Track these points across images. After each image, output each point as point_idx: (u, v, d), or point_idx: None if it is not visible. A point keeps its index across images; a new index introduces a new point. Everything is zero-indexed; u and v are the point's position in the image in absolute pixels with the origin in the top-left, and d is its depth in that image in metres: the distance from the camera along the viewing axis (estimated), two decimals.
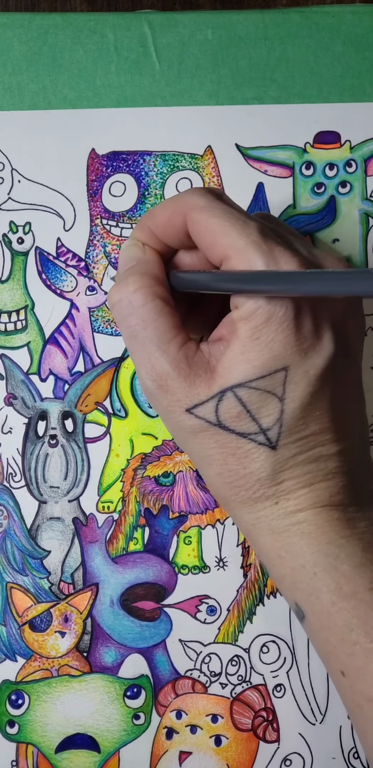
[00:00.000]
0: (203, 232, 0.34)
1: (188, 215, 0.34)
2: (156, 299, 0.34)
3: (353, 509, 0.34)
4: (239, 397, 0.33)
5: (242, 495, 0.35)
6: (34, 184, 0.42)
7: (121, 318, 0.35)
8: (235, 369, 0.33)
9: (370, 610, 0.33)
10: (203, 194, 0.34)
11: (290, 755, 0.43)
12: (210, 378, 0.33)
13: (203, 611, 0.42)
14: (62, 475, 0.42)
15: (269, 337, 0.32)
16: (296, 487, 0.34)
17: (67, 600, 0.42)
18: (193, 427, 0.34)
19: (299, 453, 0.34)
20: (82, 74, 0.42)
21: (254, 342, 0.32)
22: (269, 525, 0.35)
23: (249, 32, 0.42)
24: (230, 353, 0.33)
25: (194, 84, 0.42)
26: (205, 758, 0.42)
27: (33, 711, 0.42)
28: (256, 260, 0.32)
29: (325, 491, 0.34)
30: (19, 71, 0.42)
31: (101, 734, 0.42)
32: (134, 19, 0.42)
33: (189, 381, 0.33)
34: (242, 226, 0.33)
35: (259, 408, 0.33)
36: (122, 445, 0.42)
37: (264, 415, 0.33)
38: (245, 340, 0.33)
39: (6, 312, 0.42)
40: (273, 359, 0.32)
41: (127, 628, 0.42)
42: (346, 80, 0.43)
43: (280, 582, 0.35)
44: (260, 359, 0.32)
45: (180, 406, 0.34)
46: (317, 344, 0.33)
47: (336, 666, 0.34)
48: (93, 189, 0.42)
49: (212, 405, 0.33)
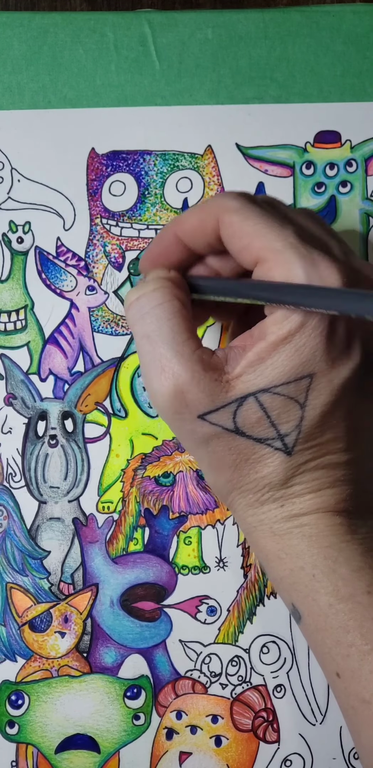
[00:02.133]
0: (237, 234, 0.33)
1: (221, 218, 0.33)
2: (174, 300, 0.34)
3: (356, 516, 0.34)
4: (260, 402, 0.32)
5: (249, 498, 0.34)
6: (33, 184, 0.42)
7: (137, 317, 0.34)
8: (260, 373, 0.32)
9: (367, 612, 0.33)
10: (236, 197, 0.33)
11: (290, 756, 0.43)
12: (227, 383, 0.33)
13: (203, 612, 0.42)
14: (62, 475, 0.42)
15: (301, 343, 0.32)
16: (304, 491, 0.34)
17: (67, 600, 0.42)
18: (205, 434, 0.33)
19: (311, 459, 0.34)
20: (82, 73, 0.42)
21: (284, 346, 0.32)
22: (270, 527, 0.34)
23: (249, 31, 0.42)
24: (255, 357, 0.32)
25: (194, 83, 0.42)
26: (205, 759, 0.42)
27: (33, 711, 0.42)
28: (294, 263, 0.31)
29: (331, 497, 0.34)
30: (19, 70, 0.42)
31: (101, 735, 0.42)
32: (134, 19, 0.42)
33: (203, 386, 0.32)
34: (279, 228, 0.32)
35: (280, 414, 0.33)
36: (122, 445, 0.42)
37: (284, 421, 0.33)
38: (276, 344, 0.32)
39: (6, 312, 0.42)
40: (301, 365, 0.32)
41: (127, 629, 0.42)
42: (346, 79, 0.43)
43: (278, 583, 0.35)
44: (288, 364, 0.32)
45: (191, 413, 0.33)
46: (346, 355, 0.32)
47: (331, 667, 0.34)
48: (93, 188, 0.42)
49: (229, 411, 0.33)
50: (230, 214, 0.33)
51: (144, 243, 0.42)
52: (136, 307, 0.34)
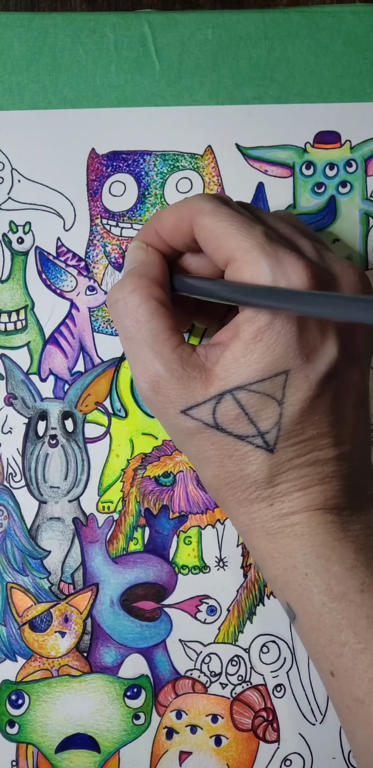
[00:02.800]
0: (209, 236, 0.33)
1: (194, 219, 0.34)
2: (151, 300, 0.34)
3: (348, 513, 0.34)
4: (237, 399, 0.33)
5: (238, 496, 0.35)
6: (34, 184, 0.42)
7: (117, 319, 0.35)
8: (234, 371, 0.33)
9: (360, 611, 0.33)
10: (210, 199, 0.34)
11: (290, 755, 0.43)
12: (206, 380, 0.33)
13: (203, 611, 0.42)
14: (62, 475, 0.42)
15: (272, 340, 0.32)
16: (291, 489, 0.34)
17: (68, 600, 0.42)
18: (189, 428, 0.34)
19: (296, 456, 0.34)
20: (82, 74, 0.42)
21: (256, 344, 0.32)
22: (263, 526, 0.35)
23: (249, 32, 0.42)
24: (230, 355, 0.33)
25: (194, 84, 0.42)
26: (205, 758, 0.42)
27: (33, 711, 0.42)
28: (260, 262, 0.32)
29: (320, 494, 0.34)
30: (19, 71, 0.42)
31: (101, 734, 0.42)
32: (134, 19, 0.42)
33: (182, 383, 0.33)
34: (248, 229, 0.33)
35: (257, 411, 0.33)
36: (122, 445, 0.42)
37: (263, 418, 0.33)
38: (247, 342, 0.32)
39: (6, 312, 0.42)
40: (274, 362, 0.32)
41: (128, 628, 0.42)
42: (346, 80, 0.43)
43: (272, 582, 0.35)
44: (261, 362, 0.32)
45: (174, 408, 0.34)
46: (320, 349, 0.33)
47: (326, 666, 0.34)
48: (93, 189, 0.42)
49: (209, 407, 0.33)
50: (202, 215, 0.34)
51: None
52: (116, 310, 0.35)
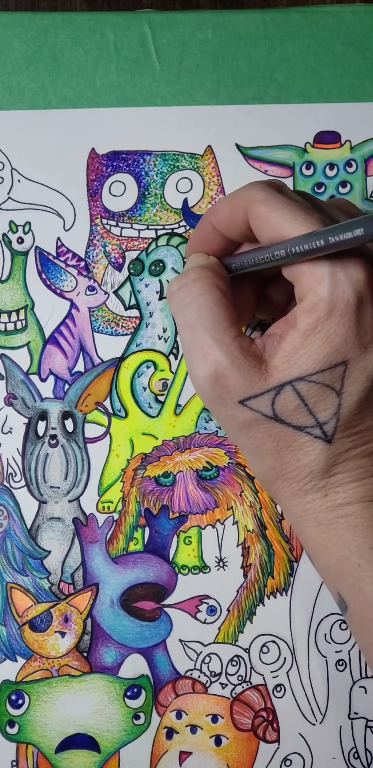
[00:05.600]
0: (264, 225, 0.33)
1: (249, 209, 0.34)
2: (214, 289, 0.34)
3: None
4: (297, 390, 0.33)
5: (293, 487, 0.35)
6: (33, 184, 0.42)
7: (179, 307, 0.35)
8: (295, 362, 0.33)
9: None
10: (263, 188, 0.34)
11: (290, 755, 0.43)
12: (265, 371, 0.33)
13: (203, 611, 0.42)
14: (62, 475, 0.42)
15: (331, 330, 0.32)
16: (346, 480, 0.34)
17: (68, 600, 0.42)
18: (246, 419, 0.34)
19: (352, 447, 0.34)
20: (82, 74, 0.42)
21: (315, 335, 0.32)
22: (316, 517, 0.35)
23: (249, 32, 0.42)
24: (289, 346, 0.33)
25: (194, 84, 0.42)
26: (205, 758, 0.42)
27: (33, 711, 0.42)
28: None
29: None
30: (19, 71, 0.42)
31: (101, 734, 0.42)
32: (134, 19, 0.42)
33: (243, 372, 0.33)
34: (303, 217, 0.32)
35: (317, 402, 0.33)
36: (122, 445, 0.42)
37: (321, 409, 0.33)
38: (307, 332, 0.32)
39: (6, 312, 0.42)
40: (333, 353, 0.32)
41: (128, 628, 0.42)
42: (346, 80, 0.43)
43: (324, 573, 0.36)
44: (320, 353, 0.32)
45: (232, 398, 0.33)
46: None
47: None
48: (93, 189, 0.42)
49: (268, 398, 0.33)
50: (257, 204, 0.33)
51: (144, 243, 0.42)
52: (178, 298, 0.35)
